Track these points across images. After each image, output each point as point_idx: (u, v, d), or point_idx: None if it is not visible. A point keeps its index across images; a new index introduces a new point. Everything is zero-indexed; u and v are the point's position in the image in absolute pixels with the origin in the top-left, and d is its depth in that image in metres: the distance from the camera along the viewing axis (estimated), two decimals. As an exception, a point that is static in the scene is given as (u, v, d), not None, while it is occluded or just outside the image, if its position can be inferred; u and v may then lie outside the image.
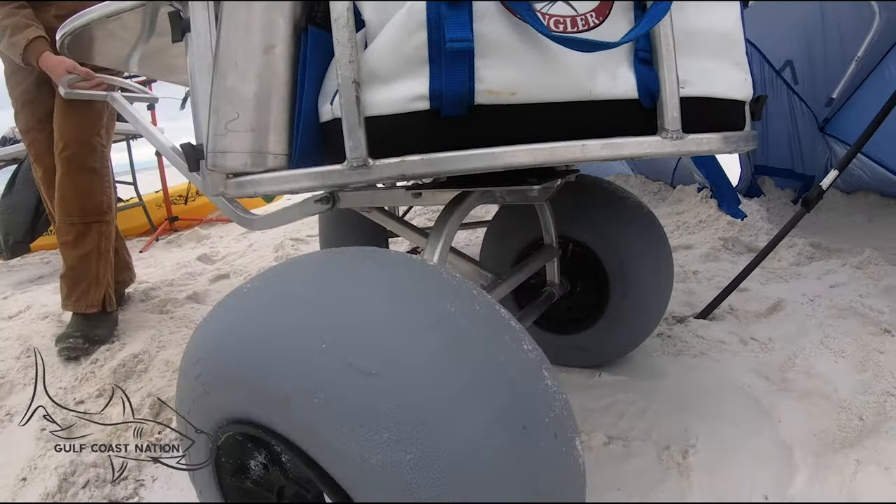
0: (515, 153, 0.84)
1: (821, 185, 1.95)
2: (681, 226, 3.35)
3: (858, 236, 2.78)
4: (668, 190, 4.33)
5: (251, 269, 3.48)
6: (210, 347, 0.76)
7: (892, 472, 1.10)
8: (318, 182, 0.83)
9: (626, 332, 1.65)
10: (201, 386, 0.76)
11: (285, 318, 0.71)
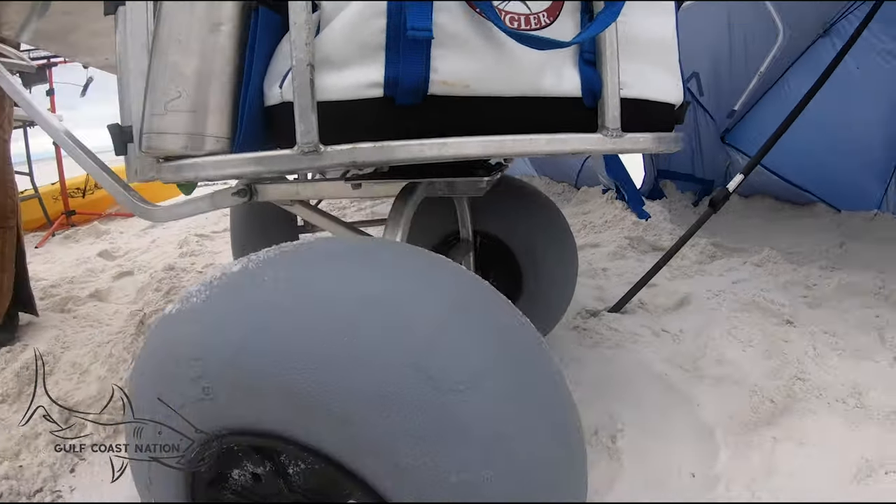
0: (466, 144, 0.85)
1: (727, 188, 2.10)
2: (587, 225, 3.49)
3: (756, 236, 3.01)
4: (573, 191, 4.50)
5: (156, 266, 3.30)
6: (220, 345, 0.64)
7: (806, 446, 1.21)
8: (265, 167, 0.80)
9: (540, 318, 1.73)
10: (200, 389, 0.65)
11: (335, 317, 0.62)
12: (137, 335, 2.09)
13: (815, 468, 1.15)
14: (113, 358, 1.89)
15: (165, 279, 2.93)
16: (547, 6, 0.87)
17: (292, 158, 0.78)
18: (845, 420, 1.29)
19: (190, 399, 0.66)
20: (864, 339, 1.67)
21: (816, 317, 1.88)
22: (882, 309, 1.84)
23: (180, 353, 0.66)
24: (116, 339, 2.05)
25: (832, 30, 2.88)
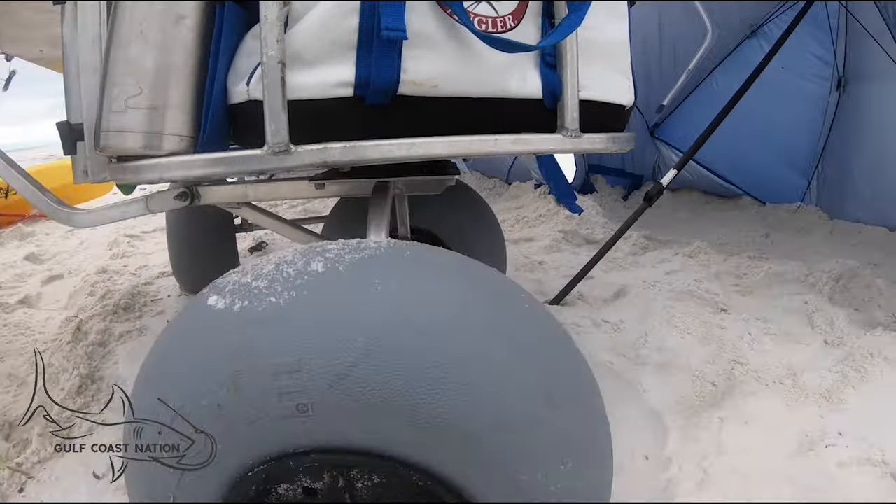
0: (434, 145, 0.86)
1: (661, 183, 2.19)
2: (521, 220, 3.56)
3: (686, 229, 3.15)
4: (504, 186, 4.58)
5: (88, 269, 3.14)
6: (328, 359, 0.57)
7: (751, 426, 1.29)
8: (234, 168, 0.78)
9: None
10: (293, 406, 0.58)
11: (465, 341, 0.61)
12: (75, 343, 1.99)
13: (761, 445, 1.23)
14: (53, 368, 1.80)
15: (99, 283, 2.79)
16: (512, 9, 0.89)
17: (262, 158, 0.77)
18: (784, 400, 1.39)
19: (269, 415, 0.59)
20: (794, 324, 1.79)
21: (748, 304, 1.99)
22: (809, 295, 1.98)
23: (263, 363, 0.58)
24: (53, 348, 1.95)
25: (759, 31, 3.06)
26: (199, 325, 0.65)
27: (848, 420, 1.31)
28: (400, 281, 0.65)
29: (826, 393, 1.41)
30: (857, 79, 2.80)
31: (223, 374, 0.59)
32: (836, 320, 1.77)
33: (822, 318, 1.80)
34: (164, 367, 0.67)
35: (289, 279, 0.64)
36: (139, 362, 1.94)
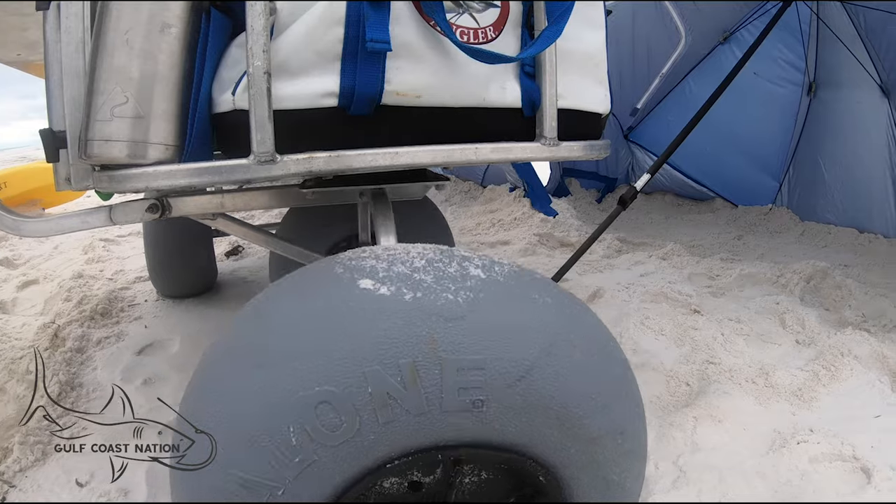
0: (417, 153, 0.88)
1: (635, 187, 2.22)
2: (496, 223, 3.57)
3: (659, 231, 3.20)
4: (479, 189, 4.59)
5: (63, 274, 3.10)
6: (511, 361, 0.62)
7: (724, 424, 1.33)
8: (220, 177, 0.79)
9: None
10: (469, 402, 0.61)
11: (609, 358, 0.75)
12: (53, 349, 1.97)
13: (735, 442, 1.27)
14: (31, 374, 1.77)
15: (75, 288, 2.75)
16: (493, 20, 0.92)
17: (248, 168, 0.78)
18: (756, 398, 1.43)
19: (441, 407, 0.61)
20: (766, 324, 1.84)
21: (721, 305, 2.04)
22: (781, 296, 2.03)
23: (450, 358, 0.60)
24: (31, 355, 1.92)
25: (732, 38, 3.13)
26: (360, 308, 0.64)
27: (819, 417, 1.36)
28: (547, 296, 0.73)
29: (798, 391, 1.45)
30: (827, 84, 2.88)
31: (399, 363, 0.60)
32: (807, 320, 1.82)
33: (794, 318, 1.85)
34: (305, 347, 0.62)
35: (456, 279, 0.68)
36: (119, 367, 1.92)
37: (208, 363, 0.71)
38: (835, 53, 2.72)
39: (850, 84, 2.68)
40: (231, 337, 0.72)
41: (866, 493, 1.12)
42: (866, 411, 1.38)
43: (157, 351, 2.05)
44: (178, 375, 1.79)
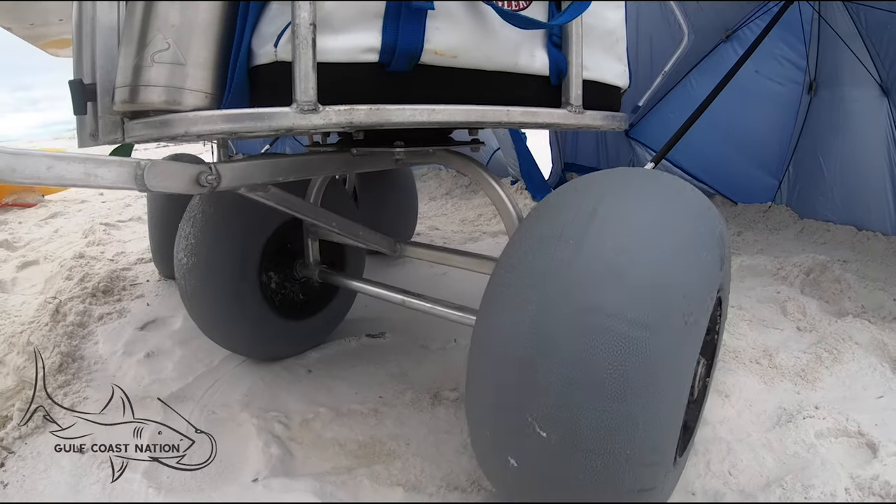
0: (453, 111, 0.90)
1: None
2: (496, 216, 3.61)
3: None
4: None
5: (64, 255, 3.08)
6: None
7: (730, 399, 1.35)
8: (260, 124, 0.80)
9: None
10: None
11: None
12: (54, 323, 1.96)
13: (740, 417, 1.30)
14: (31, 347, 1.77)
15: (76, 267, 2.74)
16: (524, -9, 0.95)
17: (290, 116, 0.79)
18: (761, 378, 1.46)
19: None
20: (767, 311, 1.87)
21: (725, 294, 2.07)
22: (781, 286, 2.06)
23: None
24: (31, 328, 1.91)
25: (734, 35, 3.17)
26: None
27: (823, 396, 1.38)
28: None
29: (801, 372, 1.48)
30: (828, 83, 2.92)
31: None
32: (808, 308, 1.86)
33: (795, 306, 1.88)
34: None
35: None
36: (121, 342, 1.91)
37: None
38: (836, 52, 2.76)
39: (851, 83, 2.73)
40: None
41: (873, 467, 1.14)
42: (869, 392, 1.41)
43: (159, 327, 2.05)
44: (181, 349, 1.80)
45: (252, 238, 1.50)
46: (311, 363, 1.69)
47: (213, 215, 1.46)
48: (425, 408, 1.42)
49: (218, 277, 1.46)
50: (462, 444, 1.25)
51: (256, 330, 1.57)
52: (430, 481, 1.15)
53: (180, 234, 1.49)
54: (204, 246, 1.44)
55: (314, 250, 1.65)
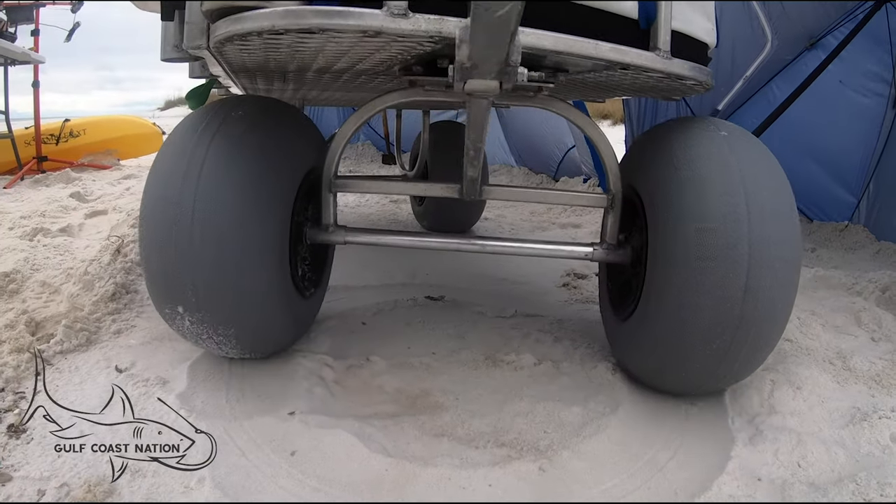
0: (542, 36, 0.88)
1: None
2: (568, 209, 3.55)
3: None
4: (551, 182, 4.58)
5: (134, 208, 3.19)
6: None
7: (802, 391, 1.26)
8: (350, 21, 0.79)
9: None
10: None
11: None
12: (113, 260, 2.01)
13: (812, 412, 1.21)
14: (88, 276, 1.82)
15: (143, 219, 2.83)
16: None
17: (379, 17, 0.78)
18: (834, 377, 1.36)
19: None
20: (841, 319, 1.76)
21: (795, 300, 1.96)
22: (856, 298, 1.94)
23: None
24: (91, 264, 1.97)
25: (818, 44, 3.03)
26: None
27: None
28: None
29: (876, 377, 1.38)
30: (914, 98, 2.77)
31: None
32: (884, 321, 1.74)
33: (870, 317, 1.76)
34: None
35: None
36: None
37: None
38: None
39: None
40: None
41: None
42: (951, 406, 1.29)
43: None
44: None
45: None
46: (366, 317, 1.68)
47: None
48: (480, 368, 1.39)
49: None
50: (519, 409, 1.21)
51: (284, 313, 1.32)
52: (479, 436, 1.12)
53: None
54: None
55: (334, 209, 1.38)
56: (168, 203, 1.09)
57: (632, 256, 1.33)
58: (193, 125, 1.15)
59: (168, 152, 1.14)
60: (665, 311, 1.12)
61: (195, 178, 1.07)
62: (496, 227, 3.16)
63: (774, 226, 1.06)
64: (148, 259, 1.16)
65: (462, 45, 0.71)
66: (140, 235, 1.16)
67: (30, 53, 4.16)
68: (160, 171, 1.13)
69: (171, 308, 1.17)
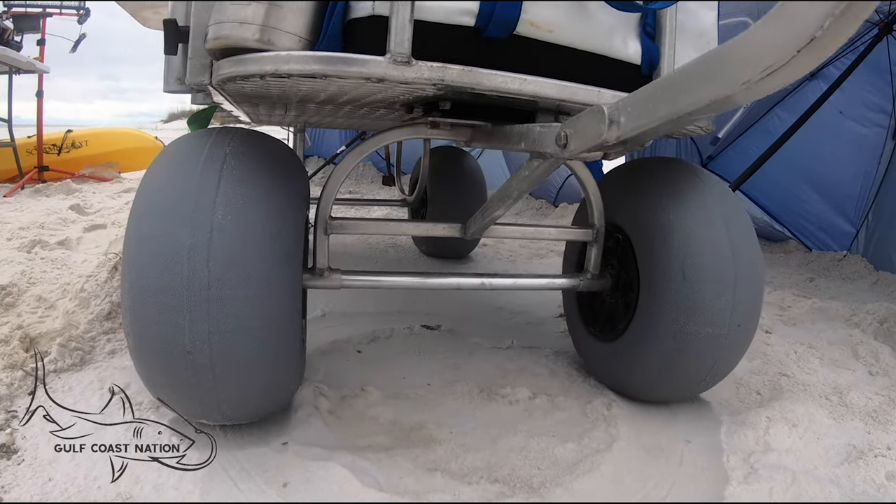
0: (544, 84, 0.89)
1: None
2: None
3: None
4: (550, 208, 4.61)
5: (132, 224, 3.20)
6: None
7: (797, 429, 1.27)
8: (353, 69, 0.80)
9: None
10: None
11: None
12: (110, 278, 2.01)
13: (807, 449, 1.21)
14: (84, 293, 1.82)
15: (142, 235, 2.83)
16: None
17: (382, 65, 0.79)
18: (830, 413, 1.37)
19: None
20: (839, 353, 1.76)
21: (793, 332, 1.97)
22: (854, 331, 1.95)
23: None
24: (88, 280, 1.97)
25: (820, 74, 3.06)
26: None
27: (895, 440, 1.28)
28: None
29: (873, 413, 1.39)
30: (914, 130, 2.79)
31: None
32: (881, 354, 1.74)
33: (867, 350, 1.77)
34: None
35: None
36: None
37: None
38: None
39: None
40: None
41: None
42: (947, 446, 1.29)
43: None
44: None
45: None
46: (362, 344, 1.68)
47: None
48: (475, 400, 1.38)
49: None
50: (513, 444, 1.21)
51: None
52: (473, 472, 1.12)
53: None
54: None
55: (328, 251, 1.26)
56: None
57: (611, 284, 1.43)
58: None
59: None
60: (661, 330, 1.24)
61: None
62: (494, 253, 3.16)
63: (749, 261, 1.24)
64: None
65: (612, 126, 0.72)
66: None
67: (35, 63, 4.19)
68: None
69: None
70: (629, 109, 0.68)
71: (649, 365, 1.29)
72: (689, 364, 1.26)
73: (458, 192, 2.70)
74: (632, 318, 1.34)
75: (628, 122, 0.68)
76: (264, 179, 0.98)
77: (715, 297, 1.19)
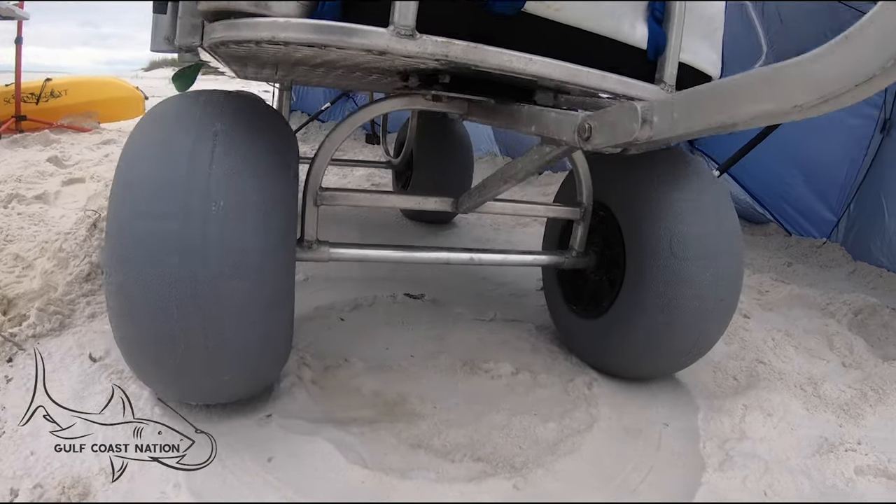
0: (549, 65, 0.86)
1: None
2: (550, 195, 3.55)
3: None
4: (534, 176, 4.58)
5: (110, 177, 3.12)
6: None
7: (773, 418, 1.30)
8: (353, 40, 0.77)
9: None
10: None
11: None
12: (89, 236, 1.96)
13: (781, 439, 1.24)
14: (63, 253, 1.77)
15: (121, 190, 2.76)
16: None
17: (385, 37, 0.76)
18: (804, 404, 1.40)
19: None
20: (814, 342, 1.80)
21: (770, 318, 2.00)
22: (829, 321, 1.98)
23: None
24: (66, 238, 1.92)
25: (814, 62, 3.04)
26: None
27: (866, 434, 1.32)
28: None
29: (845, 406, 1.42)
30: (903, 123, 2.80)
31: None
32: (855, 346, 1.78)
33: (842, 341, 1.81)
34: None
35: None
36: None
37: None
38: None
39: (930, 126, 2.60)
40: None
41: (913, 512, 1.09)
42: (914, 439, 1.34)
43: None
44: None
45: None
46: (345, 312, 1.67)
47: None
48: (458, 374, 1.39)
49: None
50: (495, 422, 1.22)
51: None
52: (456, 449, 1.13)
53: None
54: None
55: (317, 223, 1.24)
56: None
57: (595, 261, 1.46)
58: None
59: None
60: (649, 304, 1.27)
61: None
62: (477, 219, 3.13)
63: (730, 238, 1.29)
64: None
65: (645, 126, 0.69)
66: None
67: (14, 9, 4.04)
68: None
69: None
70: (666, 111, 0.67)
71: (635, 340, 1.32)
72: (675, 337, 1.29)
73: (446, 157, 2.67)
74: (617, 294, 1.37)
75: (662, 123, 0.66)
76: (258, 155, 0.94)
77: (701, 271, 1.24)
